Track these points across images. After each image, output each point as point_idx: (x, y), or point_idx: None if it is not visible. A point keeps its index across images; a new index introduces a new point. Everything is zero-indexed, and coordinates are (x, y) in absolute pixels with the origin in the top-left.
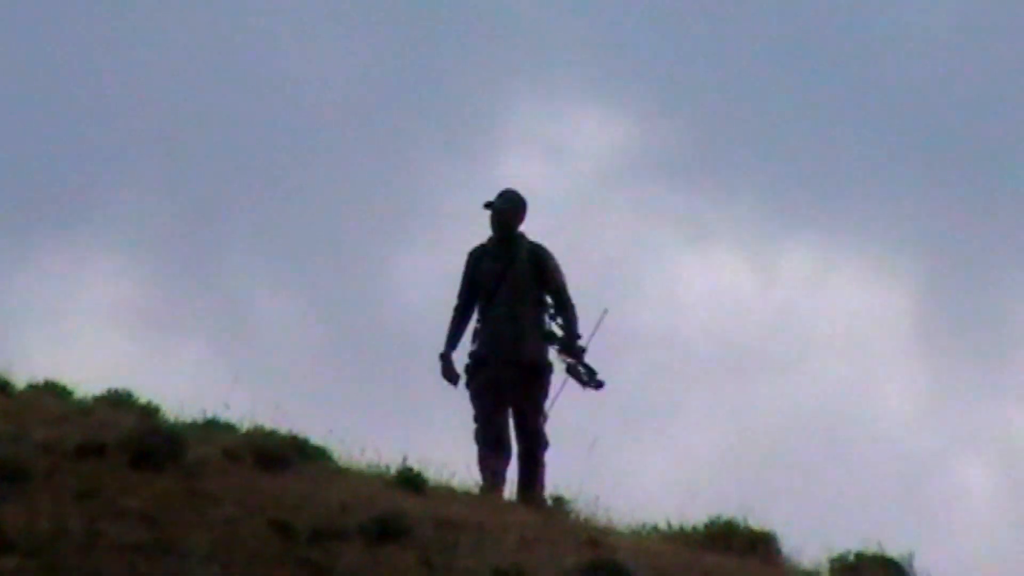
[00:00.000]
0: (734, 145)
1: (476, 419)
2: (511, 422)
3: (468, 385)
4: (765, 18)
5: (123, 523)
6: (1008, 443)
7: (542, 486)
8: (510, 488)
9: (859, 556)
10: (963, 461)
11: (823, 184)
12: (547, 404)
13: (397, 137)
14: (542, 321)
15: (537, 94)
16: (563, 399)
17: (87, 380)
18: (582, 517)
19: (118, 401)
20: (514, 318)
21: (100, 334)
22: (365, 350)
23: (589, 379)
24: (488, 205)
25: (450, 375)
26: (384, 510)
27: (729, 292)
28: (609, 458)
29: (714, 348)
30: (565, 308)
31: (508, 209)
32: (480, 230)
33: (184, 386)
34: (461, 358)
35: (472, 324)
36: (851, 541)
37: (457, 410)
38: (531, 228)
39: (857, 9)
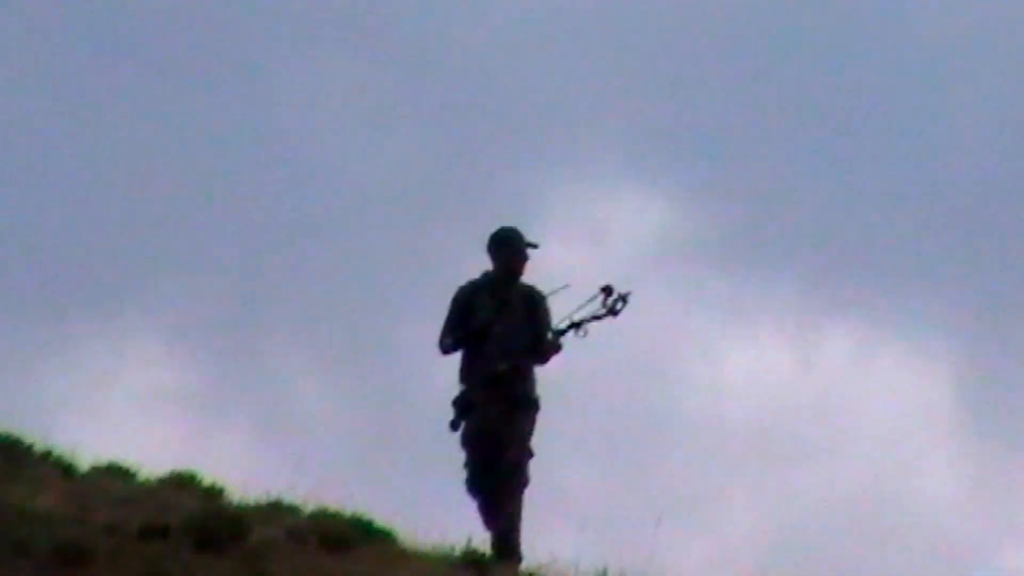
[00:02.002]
0: (775, 228)
1: (467, 465)
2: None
3: (453, 426)
4: (804, 103)
5: None
6: None
7: (517, 525)
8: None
9: None
10: (1009, 548)
11: (864, 269)
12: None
13: (440, 227)
14: (532, 361)
15: (576, 178)
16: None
17: (150, 462)
18: None
19: (181, 483)
20: (507, 356)
21: (143, 419)
22: (418, 433)
23: (609, 308)
24: (531, 245)
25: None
26: None
27: (770, 376)
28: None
29: (756, 433)
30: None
31: (522, 249)
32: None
33: (238, 469)
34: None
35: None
36: None
37: (544, 483)
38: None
39: (895, 100)
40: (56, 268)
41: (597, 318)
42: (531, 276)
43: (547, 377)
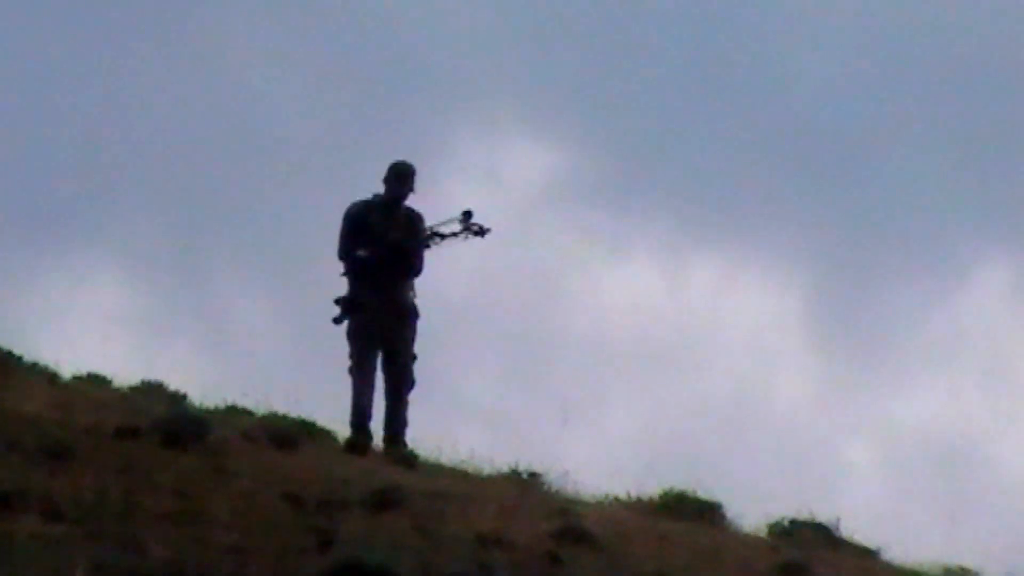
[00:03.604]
0: (651, 171)
1: (351, 356)
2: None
3: (337, 321)
4: (678, 59)
5: (156, 495)
6: (885, 427)
7: (405, 422)
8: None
9: (793, 522)
10: (849, 440)
11: (727, 206)
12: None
13: (357, 163)
14: (411, 274)
15: (475, 125)
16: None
17: (122, 373)
18: (553, 489)
19: (150, 390)
20: (389, 269)
21: (102, 337)
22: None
23: (466, 229)
24: (401, 176)
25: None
26: (381, 483)
27: (646, 299)
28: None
29: (632, 348)
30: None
31: (406, 177)
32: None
33: (191, 381)
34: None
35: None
36: (784, 508)
37: (437, 392)
38: (468, 249)
39: (756, 49)
40: (23, 201)
41: (454, 235)
42: (433, 211)
43: (448, 296)
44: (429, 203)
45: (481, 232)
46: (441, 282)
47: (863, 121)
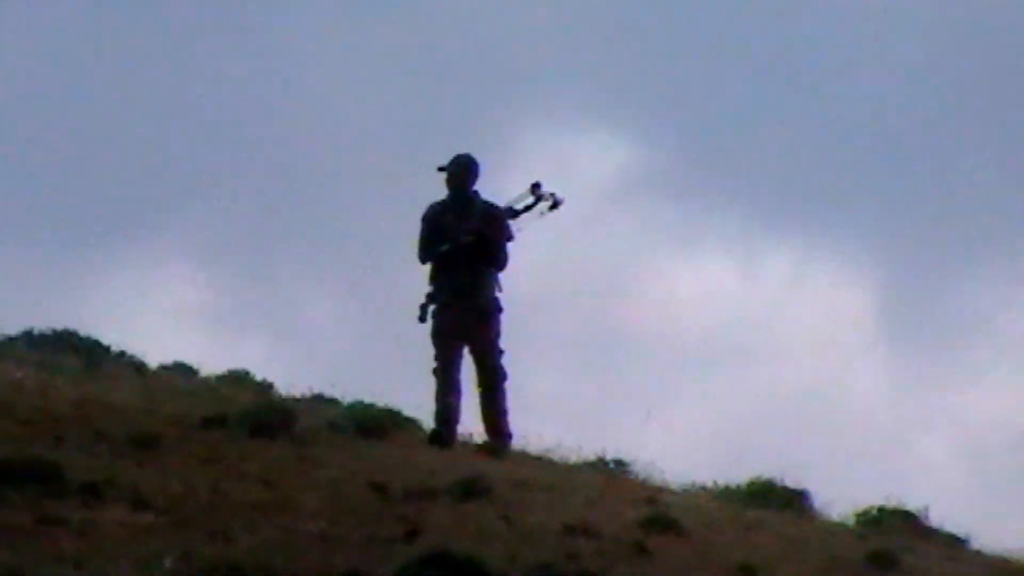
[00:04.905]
0: (722, 164)
1: (436, 358)
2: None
3: (421, 319)
4: (745, 47)
5: (243, 484)
6: (962, 418)
7: (504, 411)
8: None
9: (881, 510)
10: (923, 434)
11: (799, 199)
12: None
13: (428, 159)
14: (493, 270)
15: (547, 119)
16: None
17: (208, 362)
18: (640, 478)
19: (236, 379)
20: (471, 267)
21: (179, 328)
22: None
23: (540, 202)
24: (441, 169)
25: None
26: (467, 473)
27: (718, 292)
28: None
29: (706, 340)
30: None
31: (460, 171)
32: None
33: (273, 371)
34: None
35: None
36: (871, 498)
37: (515, 384)
38: (542, 239)
39: (830, 38)
40: (101, 198)
41: (527, 208)
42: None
43: (520, 292)
44: (499, 195)
45: (555, 203)
46: (516, 275)
47: (939, 114)
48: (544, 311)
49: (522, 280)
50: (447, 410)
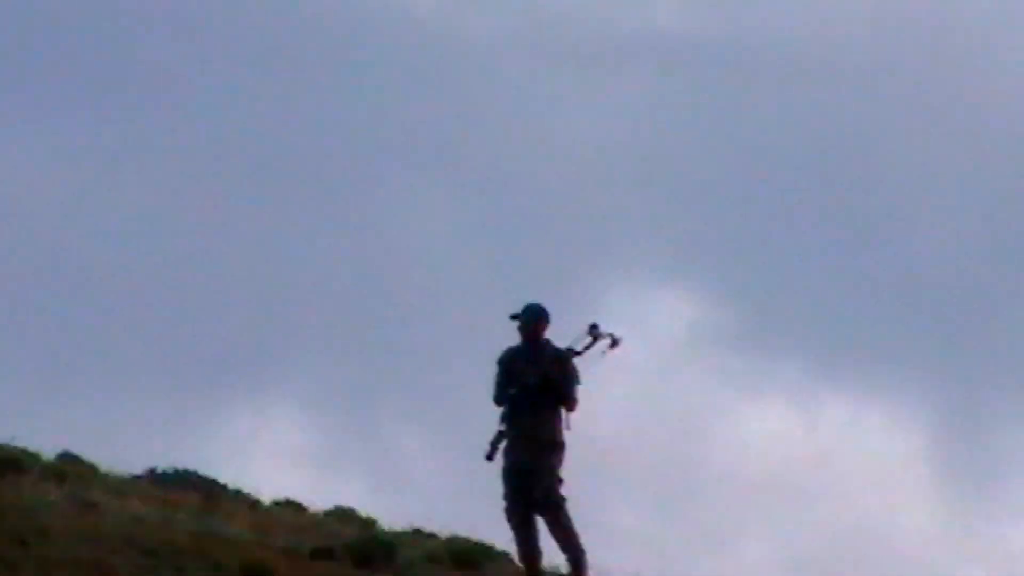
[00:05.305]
0: (782, 318)
1: (504, 497)
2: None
3: (489, 458)
4: (804, 206)
5: None
6: (1004, 553)
7: (572, 532)
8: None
9: None
10: (970, 570)
11: (856, 349)
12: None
13: (503, 311)
14: (560, 410)
15: (626, 278)
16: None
17: (316, 499)
18: None
19: (343, 515)
20: (535, 407)
21: (293, 464)
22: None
23: (599, 341)
24: (514, 317)
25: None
26: None
27: (780, 436)
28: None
29: (769, 482)
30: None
31: (532, 320)
32: None
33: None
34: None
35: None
36: None
37: (590, 520)
38: (620, 391)
39: (884, 198)
40: (219, 351)
41: (587, 348)
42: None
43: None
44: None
45: (615, 342)
46: (594, 421)
47: (984, 270)
48: (623, 451)
49: (602, 423)
50: (528, 560)
